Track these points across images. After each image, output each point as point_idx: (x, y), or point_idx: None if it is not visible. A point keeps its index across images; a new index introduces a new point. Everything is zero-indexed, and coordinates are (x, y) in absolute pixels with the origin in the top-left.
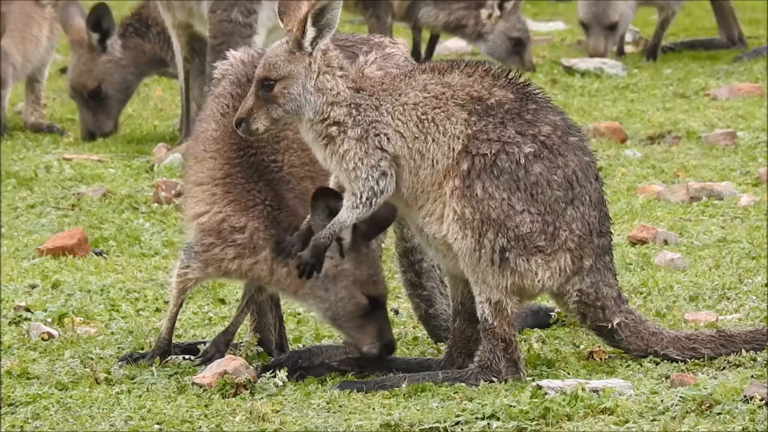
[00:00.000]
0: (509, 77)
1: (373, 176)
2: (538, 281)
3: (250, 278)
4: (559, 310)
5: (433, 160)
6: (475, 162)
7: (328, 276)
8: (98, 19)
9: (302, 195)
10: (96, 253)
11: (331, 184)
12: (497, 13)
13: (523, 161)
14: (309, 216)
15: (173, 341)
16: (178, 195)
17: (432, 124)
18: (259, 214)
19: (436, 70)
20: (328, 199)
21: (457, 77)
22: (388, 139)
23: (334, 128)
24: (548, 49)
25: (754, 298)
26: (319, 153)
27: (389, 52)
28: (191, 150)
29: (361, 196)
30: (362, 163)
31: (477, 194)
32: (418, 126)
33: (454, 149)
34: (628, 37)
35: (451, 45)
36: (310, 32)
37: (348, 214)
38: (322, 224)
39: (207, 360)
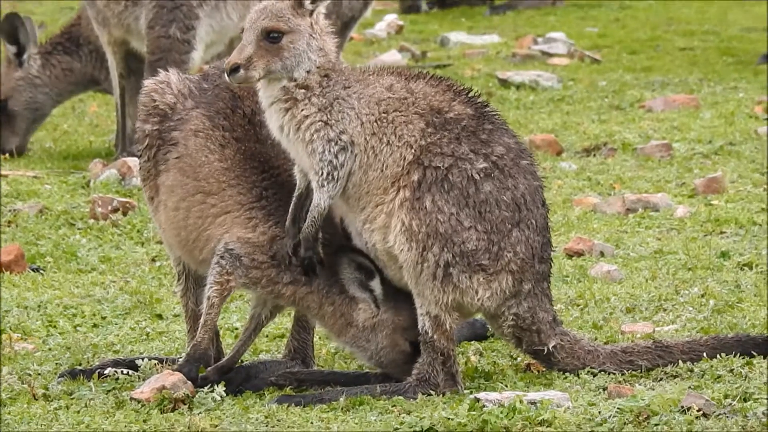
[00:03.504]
0: (469, 95)
1: (330, 150)
2: (478, 299)
3: (298, 307)
4: None
5: (383, 164)
6: (427, 174)
7: (367, 327)
8: (14, 30)
9: None
10: (33, 270)
11: (296, 174)
12: None
13: (474, 178)
14: (290, 208)
15: (113, 358)
16: (115, 211)
17: (390, 125)
18: None
19: (403, 75)
20: (352, 254)
21: (421, 85)
22: (349, 120)
23: (301, 91)
24: (483, 62)
25: (691, 309)
26: (276, 118)
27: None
28: (187, 187)
29: (322, 172)
30: (319, 135)
31: (426, 207)
32: (377, 122)
33: (405, 158)
34: (563, 50)
35: (387, 58)
36: None
37: (318, 196)
38: (352, 278)
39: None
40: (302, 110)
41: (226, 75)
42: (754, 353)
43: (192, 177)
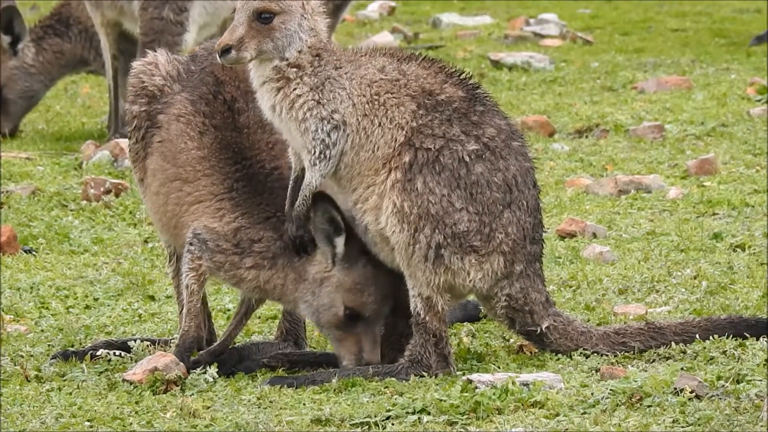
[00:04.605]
0: (461, 77)
1: (323, 129)
2: (470, 281)
3: (262, 290)
4: None
5: (375, 145)
6: (418, 155)
7: (316, 280)
8: (9, 22)
9: None
10: (25, 251)
11: (290, 155)
12: None
13: (465, 160)
14: (288, 192)
15: (105, 339)
16: (107, 192)
17: (382, 107)
18: (272, 226)
19: (395, 57)
20: (329, 206)
21: (413, 67)
22: (341, 100)
23: (293, 70)
24: (475, 44)
25: (683, 290)
26: (268, 98)
27: None
28: (167, 172)
29: (314, 151)
30: (311, 114)
31: (417, 188)
32: (369, 104)
33: (396, 139)
34: (555, 31)
35: (379, 40)
36: None
37: (311, 174)
38: (321, 227)
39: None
40: (295, 89)
41: (217, 56)
42: (747, 335)
43: (172, 163)
